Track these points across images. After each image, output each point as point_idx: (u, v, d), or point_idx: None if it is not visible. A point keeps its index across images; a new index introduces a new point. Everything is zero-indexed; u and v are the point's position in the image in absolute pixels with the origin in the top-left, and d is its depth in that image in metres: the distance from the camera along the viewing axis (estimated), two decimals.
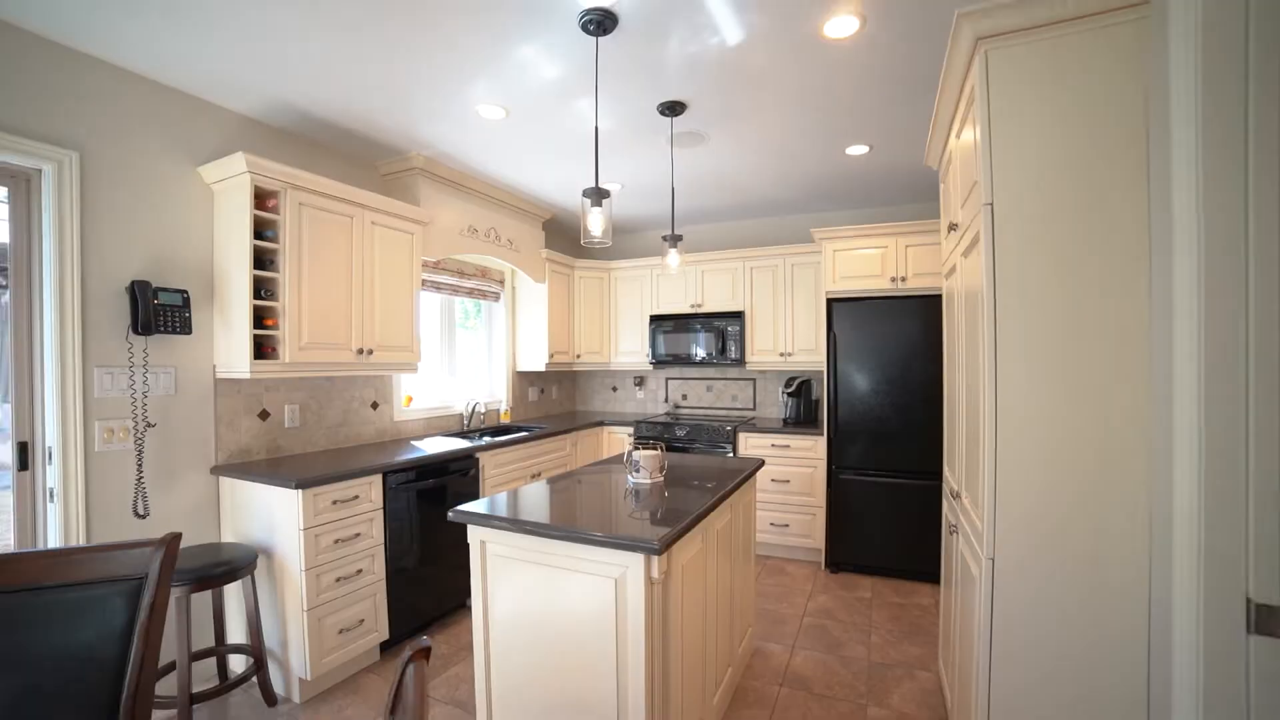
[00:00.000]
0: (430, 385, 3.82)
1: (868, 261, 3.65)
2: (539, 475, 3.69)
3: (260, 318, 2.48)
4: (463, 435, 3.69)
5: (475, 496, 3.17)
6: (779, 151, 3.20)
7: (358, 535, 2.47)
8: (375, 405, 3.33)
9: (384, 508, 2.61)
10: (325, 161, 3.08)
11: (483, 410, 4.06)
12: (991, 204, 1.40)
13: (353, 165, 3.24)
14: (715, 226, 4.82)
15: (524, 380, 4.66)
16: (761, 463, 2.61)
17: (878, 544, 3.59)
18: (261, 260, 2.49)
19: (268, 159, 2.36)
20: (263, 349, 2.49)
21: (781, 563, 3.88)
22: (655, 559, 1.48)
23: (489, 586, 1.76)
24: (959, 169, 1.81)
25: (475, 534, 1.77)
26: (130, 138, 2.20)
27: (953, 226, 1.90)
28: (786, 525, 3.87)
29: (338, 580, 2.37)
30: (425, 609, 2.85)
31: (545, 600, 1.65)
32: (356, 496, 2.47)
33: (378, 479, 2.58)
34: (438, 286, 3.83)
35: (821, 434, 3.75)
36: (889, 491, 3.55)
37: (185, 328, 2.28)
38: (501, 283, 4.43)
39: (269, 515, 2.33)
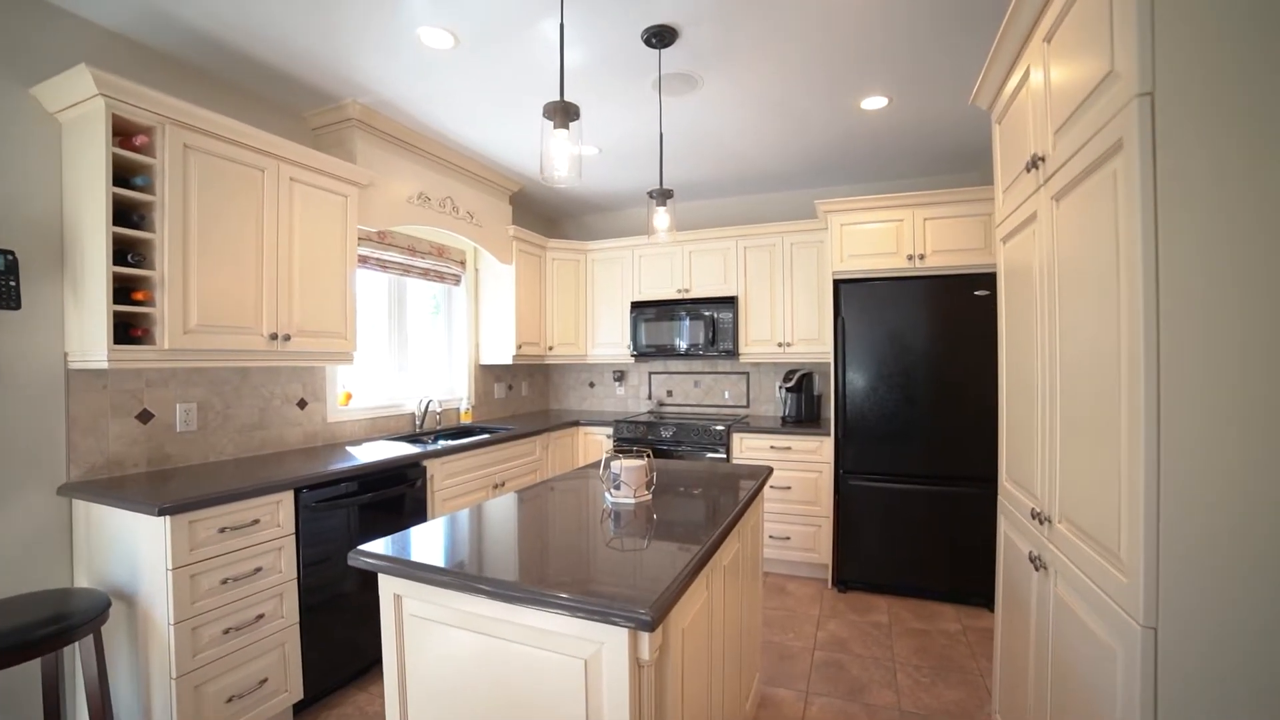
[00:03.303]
0: (376, 380, 3.26)
1: (880, 237, 3.19)
2: (502, 486, 3.17)
3: (129, 290, 1.92)
4: (413, 439, 3.15)
5: (422, 514, 2.63)
6: (782, 104, 2.72)
7: (258, 570, 1.92)
8: (303, 404, 2.77)
9: (297, 532, 2.06)
10: (238, 106, 2.51)
11: (438, 409, 3.52)
12: (1152, 94, 0.92)
13: (275, 114, 2.67)
14: (706, 203, 4.34)
15: (488, 375, 4.12)
16: (770, 470, 2.13)
17: (892, 559, 3.14)
18: (131, 217, 1.92)
19: (147, 86, 1.80)
20: (132, 331, 1.93)
21: (782, 580, 3.42)
22: (646, 636, 0.98)
23: (406, 659, 1.24)
24: (1052, 81, 1.34)
25: (387, 585, 1.25)
26: None
27: (1035, 163, 1.44)
28: (788, 538, 3.40)
29: (226, 632, 1.82)
30: (364, 650, 2.30)
31: (483, 684, 1.14)
32: (256, 521, 1.92)
33: (287, 496, 2.03)
34: (384, 265, 3.27)
35: (827, 434, 3.29)
36: (905, 499, 3.11)
37: (10, 300, 1.70)
38: (462, 264, 3.88)
39: (130, 550, 1.76)
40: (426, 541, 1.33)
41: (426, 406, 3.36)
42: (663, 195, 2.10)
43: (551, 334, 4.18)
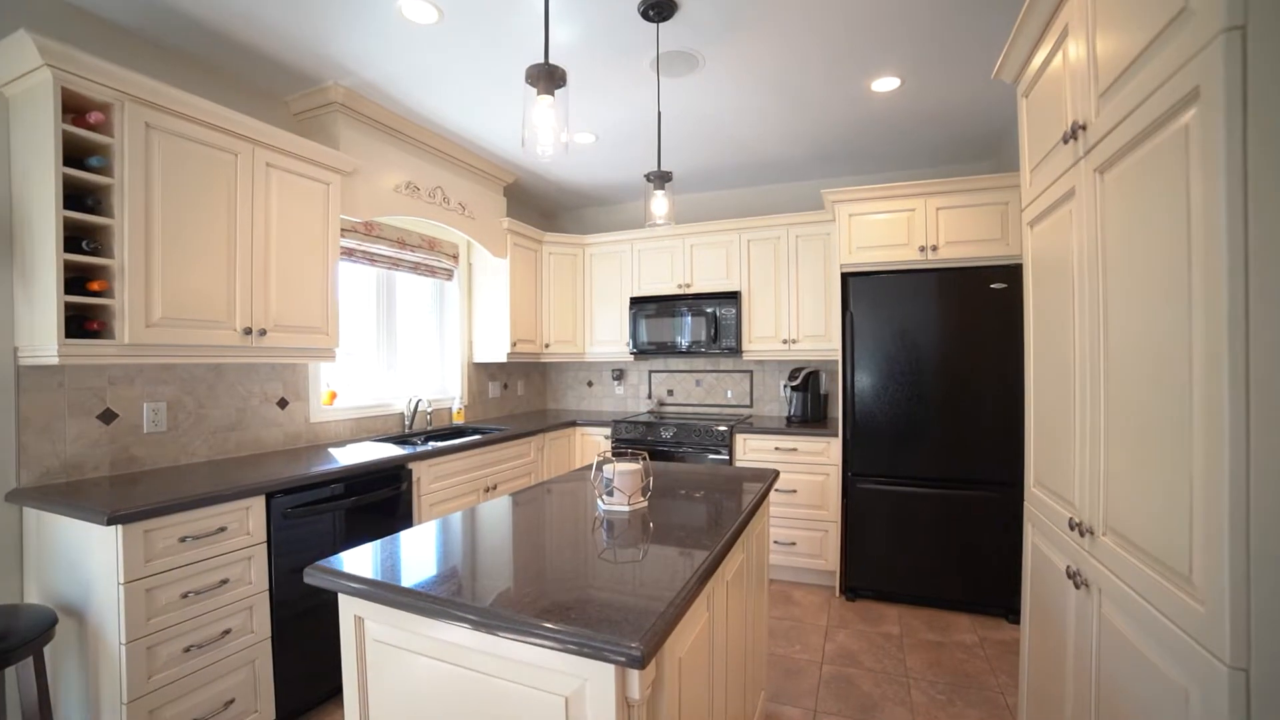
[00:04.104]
0: (363, 378, 3.12)
1: (890, 228, 3.04)
2: (494, 489, 3.02)
3: (84, 280, 1.78)
4: (401, 440, 3.01)
5: (408, 520, 2.49)
6: (788, 86, 2.57)
7: (224, 582, 1.78)
8: (284, 403, 2.63)
9: (269, 540, 1.92)
10: (217, 90, 2.38)
11: (429, 409, 3.37)
12: (1244, 28, 0.78)
13: (256, 99, 2.54)
14: (707, 196, 4.19)
15: (482, 374, 3.98)
16: (776, 474, 1.99)
17: (903, 566, 2.99)
18: (86, 200, 1.78)
19: (112, 63, 1.66)
20: (87, 324, 1.79)
21: (787, 587, 3.27)
22: (636, 673, 0.84)
23: (368, 688, 1.09)
24: (1097, 39, 1.19)
25: (348, 606, 1.11)
26: None
27: (1074, 132, 1.29)
28: (793, 544, 3.25)
29: (188, 650, 1.67)
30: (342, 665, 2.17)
31: (453, 718, 1.00)
32: (223, 528, 1.78)
33: (258, 502, 1.89)
34: (371, 258, 3.13)
35: (834, 435, 3.14)
36: (917, 503, 2.96)
37: None
38: (455, 258, 3.73)
39: (79, 562, 1.62)
40: (396, 554, 1.18)
41: (416, 406, 3.22)
42: (660, 178, 1.95)
43: (548, 331, 4.04)
